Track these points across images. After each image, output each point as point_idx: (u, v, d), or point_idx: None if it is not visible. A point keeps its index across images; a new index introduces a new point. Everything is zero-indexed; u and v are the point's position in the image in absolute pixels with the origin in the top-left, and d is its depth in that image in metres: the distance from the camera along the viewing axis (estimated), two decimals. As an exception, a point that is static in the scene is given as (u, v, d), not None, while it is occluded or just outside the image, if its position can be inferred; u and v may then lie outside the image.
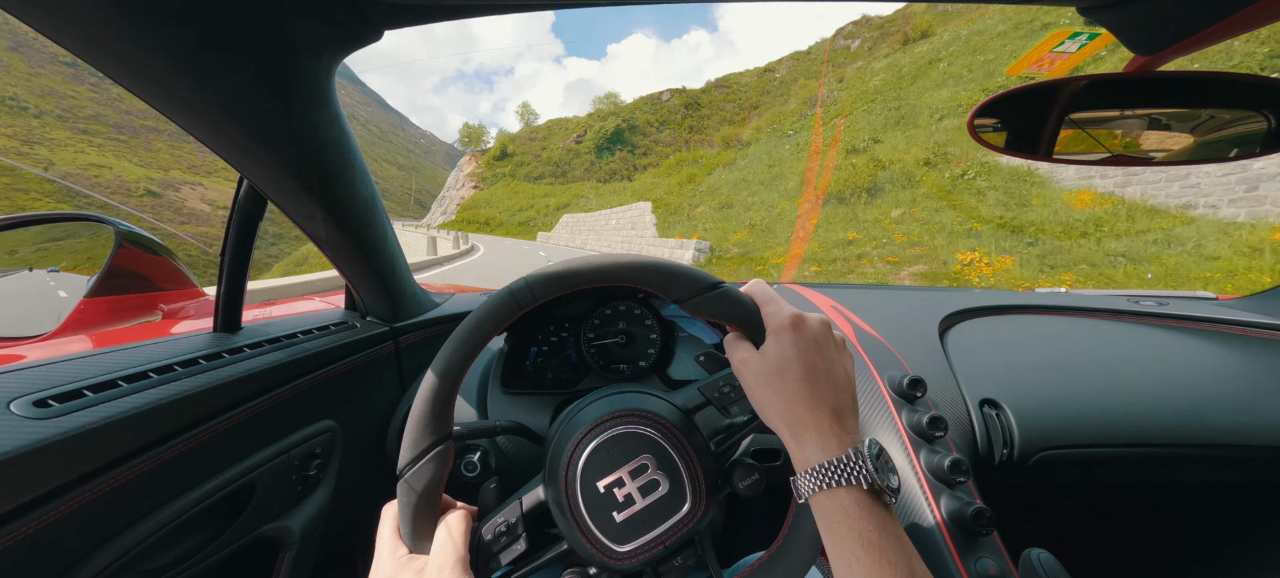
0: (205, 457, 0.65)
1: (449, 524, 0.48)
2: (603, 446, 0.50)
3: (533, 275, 0.52)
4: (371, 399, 1.00)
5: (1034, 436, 0.93)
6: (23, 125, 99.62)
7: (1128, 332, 1.21)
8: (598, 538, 0.49)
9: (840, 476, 0.41)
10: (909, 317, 1.18)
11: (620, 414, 0.52)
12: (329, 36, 0.56)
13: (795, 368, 0.46)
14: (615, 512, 0.49)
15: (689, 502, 0.50)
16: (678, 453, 0.50)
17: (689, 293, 0.51)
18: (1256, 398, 1.00)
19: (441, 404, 0.49)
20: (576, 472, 0.50)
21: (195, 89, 0.52)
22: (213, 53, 0.49)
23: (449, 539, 0.47)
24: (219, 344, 0.73)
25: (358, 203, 0.80)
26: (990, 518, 0.70)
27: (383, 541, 0.49)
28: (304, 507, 0.83)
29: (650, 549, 0.49)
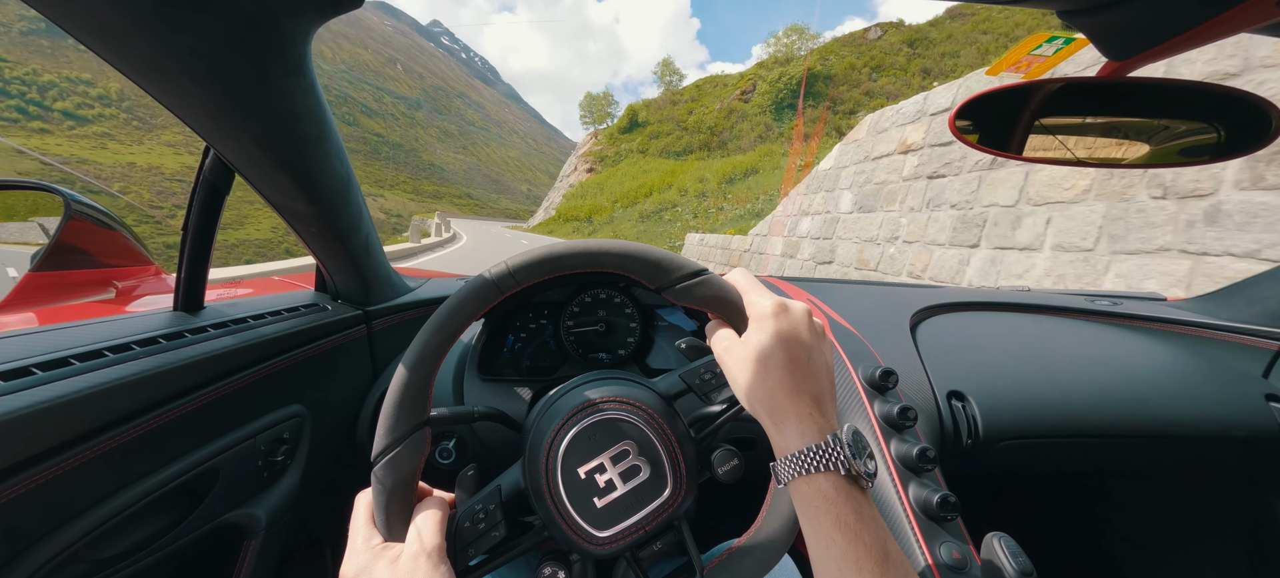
0: (165, 440, 0.63)
1: (425, 512, 0.48)
2: (584, 432, 0.51)
3: (514, 259, 0.52)
4: (343, 384, 0.98)
5: (996, 426, 0.98)
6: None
7: (1084, 329, 1.30)
8: (578, 524, 0.50)
9: (819, 461, 0.43)
10: (882, 311, 1.23)
11: (602, 400, 0.52)
12: (306, 1, 0.53)
13: (778, 355, 0.47)
14: (596, 498, 0.50)
15: (670, 487, 0.51)
16: (659, 439, 0.52)
17: (672, 280, 0.52)
18: (1198, 392, 1.09)
19: (417, 389, 0.49)
20: (557, 458, 0.51)
21: (160, 48, 0.49)
22: (180, 8, 0.45)
23: (425, 527, 0.46)
24: (180, 324, 0.70)
25: (332, 179, 0.77)
26: (955, 505, 0.73)
27: (356, 528, 0.48)
28: (271, 494, 0.82)
29: (630, 534, 0.50)
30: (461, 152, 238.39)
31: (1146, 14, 0.47)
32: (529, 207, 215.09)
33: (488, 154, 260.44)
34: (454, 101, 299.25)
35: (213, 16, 0.47)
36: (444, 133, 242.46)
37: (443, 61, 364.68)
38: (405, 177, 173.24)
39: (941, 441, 0.98)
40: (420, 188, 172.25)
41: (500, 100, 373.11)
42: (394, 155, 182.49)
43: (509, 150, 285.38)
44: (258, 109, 0.60)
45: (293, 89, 0.61)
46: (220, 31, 0.49)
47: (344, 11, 0.57)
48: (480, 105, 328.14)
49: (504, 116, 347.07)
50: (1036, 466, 1.05)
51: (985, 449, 0.98)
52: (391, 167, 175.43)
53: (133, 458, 0.59)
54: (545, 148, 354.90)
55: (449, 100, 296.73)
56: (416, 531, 0.46)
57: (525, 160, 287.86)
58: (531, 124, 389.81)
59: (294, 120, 0.64)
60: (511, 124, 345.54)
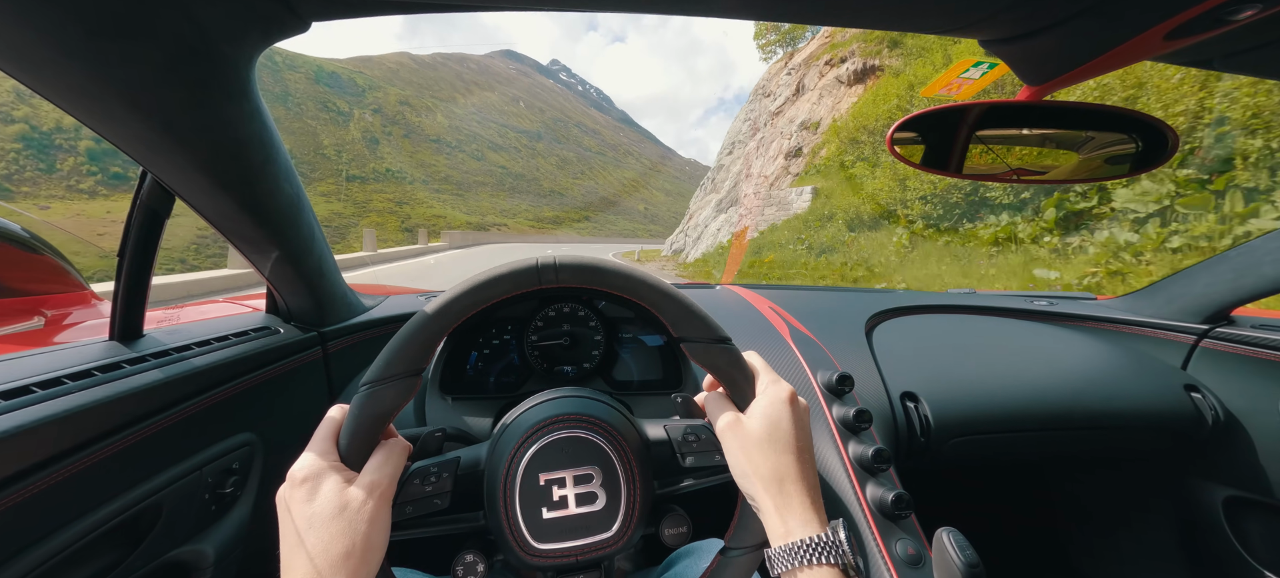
0: (101, 479, 0.60)
1: (387, 452, 0.49)
2: (563, 441, 0.52)
3: (562, 257, 0.52)
4: (297, 409, 0.95)
5: (947, 424, 1.05)
6: (400, 190, 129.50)
7: (1024, 328, 1.39)
8: (519, 527, 0.50)
9: (822, 555, 0.45)
10: (839, 316, 1.30)
11: (587, 419, 0.53)
12: (248, 26, 0.52)
13: (790, 441, 0.50)
14: (546, 508, 0.50)
15: (616, 526, 0.51)
16: (625, 479, 0.52)
17: (697, 337, 0.53)
18: (1124, 384, 1.19)
19: (428, 338, 0.49)
20: (525, 457, 0.51)
21: (91, 78, 0.48)
22: (110, 39, 0.45)
23: (384, 466, 0.48)
24: (117, 354, 0.68)
25: (280, 201, 0.76)
26: (908, 502, 0.76)
27: (320, 437, 0.49)
28: (219, 528, 0.79)
29: (562, 557, 0.51)
30: (579, 177, 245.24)
31: (1056, 45, 0.52)
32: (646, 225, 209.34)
33: (604, 177, 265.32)
34: (572, 130, 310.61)
35: (147, 46, 0.47)
36: (562, 161, 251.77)
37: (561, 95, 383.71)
38: (526, 205, 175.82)
39: (896, 440, 1.03)
40: (540, 214, 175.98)
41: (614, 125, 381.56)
42: (516, 185, 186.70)
43: (624, 172, 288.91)
44: (198, 135, 0.59)
45: (236, 115, 0.60)
46: (156, 61, 0.48)
47: (288, 37, 0.56)
48: (596, 132, 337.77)
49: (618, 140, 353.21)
50: (985, 459, 1.13)
51: (937, 446, 1.05)
52: (514, 197, 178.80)
53: (66, 499, 0.57)
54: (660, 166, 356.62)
55: (567, 130, 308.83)
56: (376, 465, 0.47)
57: (641, 180, 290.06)
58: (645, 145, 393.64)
59: (238, 146, 0.64)
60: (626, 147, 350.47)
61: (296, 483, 0.45)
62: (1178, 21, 0.45)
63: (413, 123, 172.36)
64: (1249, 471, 1.17)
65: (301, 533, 0.43)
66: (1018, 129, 0.75)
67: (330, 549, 0.43)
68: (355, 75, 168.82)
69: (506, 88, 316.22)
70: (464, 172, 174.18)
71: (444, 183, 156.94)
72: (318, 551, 0.42)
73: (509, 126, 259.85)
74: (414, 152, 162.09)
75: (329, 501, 0.44)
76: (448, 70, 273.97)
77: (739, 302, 1.38)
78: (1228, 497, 1.22)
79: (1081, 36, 0.50)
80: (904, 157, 0.77)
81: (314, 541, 0.43)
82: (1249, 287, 1.18)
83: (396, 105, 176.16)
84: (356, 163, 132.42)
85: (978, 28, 0.53)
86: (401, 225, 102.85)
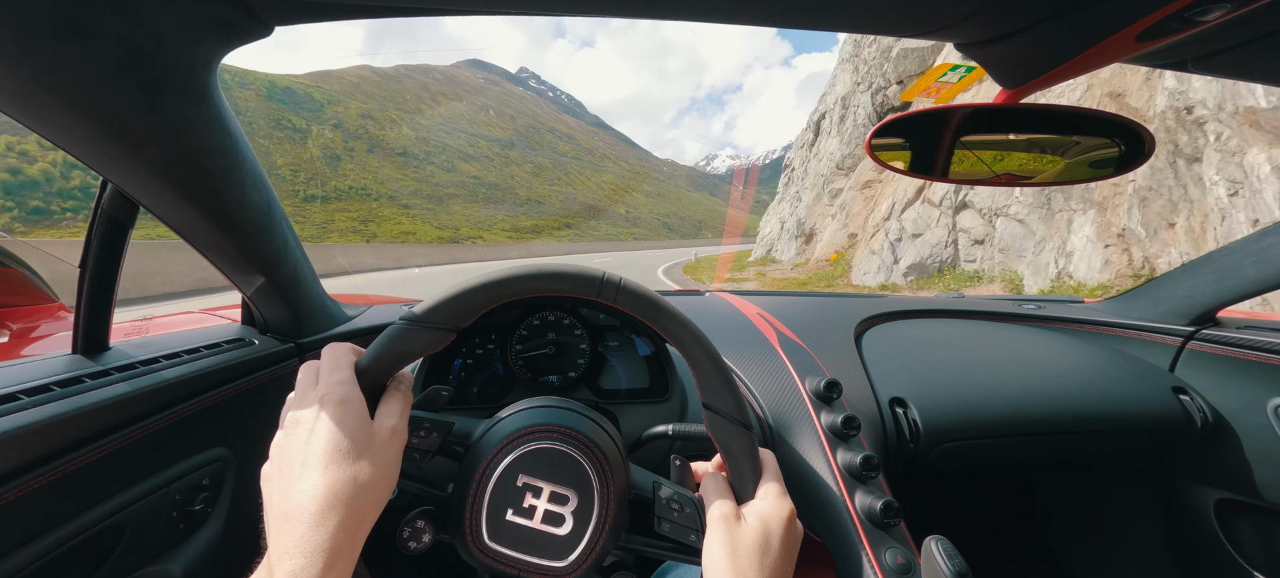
0: (58, 498, 0.58)
1: (403, 400, 0.49)
2: (554, 454, 0.51)
3: (626, 281, 0.53)
4: (272, 423, 0.88)
5: (936, 430, 1.04)
6: (366, 207, 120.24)
7: (1013, 332, 1.39)
8: (480, 516, 0.49)
9: None
10: (828, 322, 1.29)
11: (591, 445, 0.52)
12: (203, 29, 0.51)
13: (778, 561, 0.50)
14: (511, 510, 0.49)
15: (571, 559, 0.49)
16: (599, 517, 0.50)
17: (724, 411, 0.54)
18: (1111, 387, 1.18)
19: (477, 302, 0.51)
20: (516, 452, 0.51)
21: (33, 84, 0.46)
22: (50, 41, 0.43)
23: (402, 412, 0.48)
24: (80, 368, 0.66)
25: (248, 209, 0.74)
26: (897, 510, 0.75)
27: (338, 364, 0.48)
28: (187, 547, 0.76)
29: (505, 565, 0.49)
30: (557, 183, 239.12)
31: (1029, 48, 0.53)
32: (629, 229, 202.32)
33: (582, 182, 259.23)
34: (545, 137, 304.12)
35: (90, 49, 0.45)
36: (538, 168, 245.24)
37: (532, 102, 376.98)
38: (502, 215, 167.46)
39: (885, 447, 1.02)
40: (518, 223, 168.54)
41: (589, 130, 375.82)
42: (491, 195, 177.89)
43: (602, 176, 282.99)
44: (154, 141, 0.57)
45: (195, 119, 0.58)
46: (99, 64, 0.47)
47: (250, 41, 0.55)
48: (570, 137, 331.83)
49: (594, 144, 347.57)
50: (975, 463, 1.11)
51: (927, 452, 1.04)
52: (489, 207, 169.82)
53: (19, 520, 0.54)
54: (638, 169, 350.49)
55: (540, 136, 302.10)
56: (395, 410, 0.47)
57: (620, 183, 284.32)
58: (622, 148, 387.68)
59: (198, 152, 0.62)
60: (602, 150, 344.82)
61: (333, 401, 0.44)
62: (1147, 23, 0.46)
63: (377, 137, 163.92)
64: (1239, 472, 1.17)
65: (326, 455, 0.41)
66: (1001, 133, 0.75)
67: (357, 481, 0.41)
68: (312, 90, 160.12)
69: (475, 97, 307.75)
70: (434, 184, 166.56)
71: (413, 197, 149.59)
72: (341, 479, 0.40)
73: (479, 135, 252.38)
74: (379, 167, 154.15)
75: (360, 432, 0.43)
76: (412, 82, 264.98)
77: (728, 309, 1.38)
78: (1219, 499, 1.22)
79: (1054, 40, 0.51)
80: (884, 161, 0.77)
81: (342, 476, 0.41)
82: (1232, 288, 1.20)
83: (358, 119, 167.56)
84: (315, 182, 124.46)
85: (949, 32, 0.53)
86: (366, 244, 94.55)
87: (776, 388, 0.98)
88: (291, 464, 0.42)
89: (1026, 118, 0.71)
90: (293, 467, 0.41)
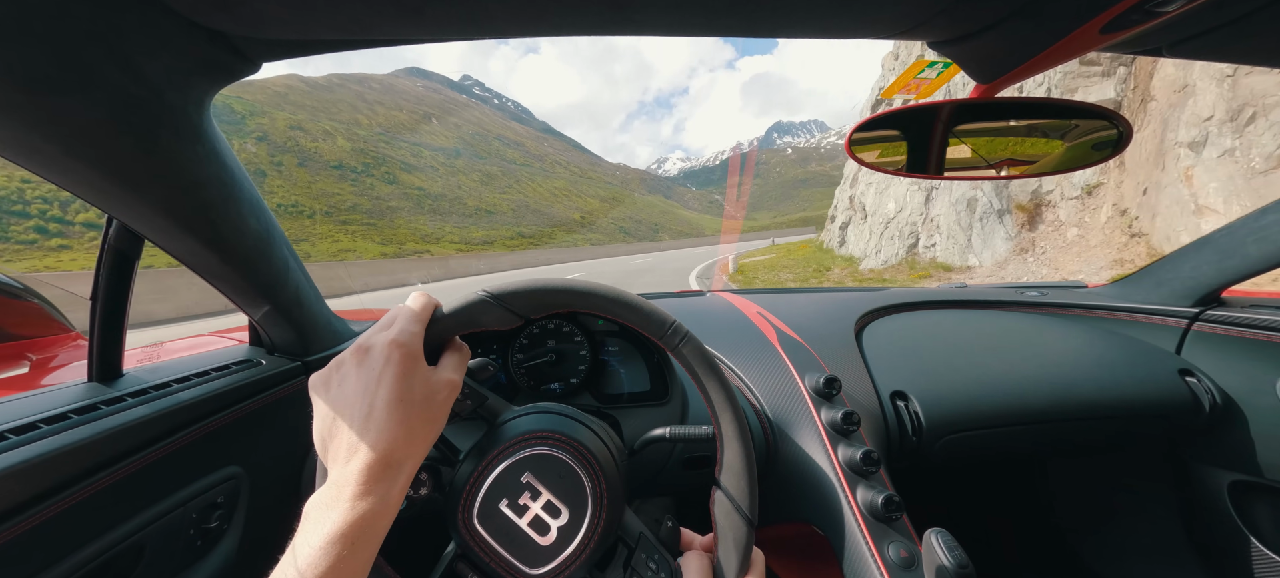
0: (79, 521, 0.60)
1: (461, 359, 0.51)
2: (561, 464, 0.51)
3: (691, 337, 0.54)
4: (283, 440, 0.95)
5: (938, 421, 1.04)
6: (298, 226, 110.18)
7: (1015, 320, 1.39)
8: (475, 494, 0.50)
9: None
10: (828, 318, 1.29)
11: (597, 468, 0.52)
12: (195, 73, 0.54)
13: None
14: (504, 502, 0.50)
15: (542, 570, 0.50)
16: (581, 542, 0.50)
17: (736, 498, 0.53)
18: (1117, 372, 1.17)
19: (550, 301, 0.52)
20: (528, 450, 0.51)
21: (33, 132, 0.49)
22: (46, 94, 0.45)
23: (459, 370, 0.50)
24: (95, 395, 0.69)
25: (247, 237, 0.77)
26: (898, 504, 0.77)
27: (410, 316, 0.49)
28: (205, 563, 0.79)
29: (480, 549, 0.50)
30: (507, 191, 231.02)
31: (998, 44, 0.54)
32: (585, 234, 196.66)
33: (534, 189, 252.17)
34: (492, 144, 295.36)
35: (84, 101, 0.47)
36: (486, 176, 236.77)
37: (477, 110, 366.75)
38: (451, 226, 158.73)
39: (887, 441, 1.02)
40: (468, 235, 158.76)
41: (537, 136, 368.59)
42: (438, 206, 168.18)
43: (554, 182, 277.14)
44: (153, 181, 0.60)
45: (191, 157, 0.61)
46: (97, 112, 0.49)
47: (239, 78, 0.57)
48: (519, 143, 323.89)
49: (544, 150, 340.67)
50: (980, 455, 1.10)
51: (929, 444, 1.03)
52: (436, 219, 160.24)
53: (42, 544, 0.56)
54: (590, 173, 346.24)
55: (488, 144, 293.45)
56: (455, 365, 0.50)
57: (573, 188, 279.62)
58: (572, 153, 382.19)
59: (196, 186, 0.65)
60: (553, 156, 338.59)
61: (399, 345, 0.45)
62: (1109, 16, 0.47)
63: (308, 149, 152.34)
64: (1251, 453, 1.15)
65: (389, 402, 0.42)
66: (988, 125, 0.75)
67: (412, 429, 0.43)
68: (232, 101, 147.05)
69: (416, 106, 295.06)
70: (375, 197, 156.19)
71: (351, 212, 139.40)
72: (395, 424, 0.42)
73: (422, 145, 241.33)
74: (312, 181, 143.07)
75: (423, 382, 0.45)
76: (347, 91, 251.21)
77: (728, 309, 1.39)
78: (1233, 481, 1.20)
79: (1020, 35, 0.52)
80: (866, 161, 0.78)
81: (399, 416, 0.42)
82: (1234, 267, 1.19)
83: (286, 132, 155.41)
84: None
85: (918, 32, 0.54)
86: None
87: (776, 387, 1.00)
88: (355, 395, 0.43)
89: (1006, 110, 0.72)
90: (355, 398, 0.43)
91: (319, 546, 0.37)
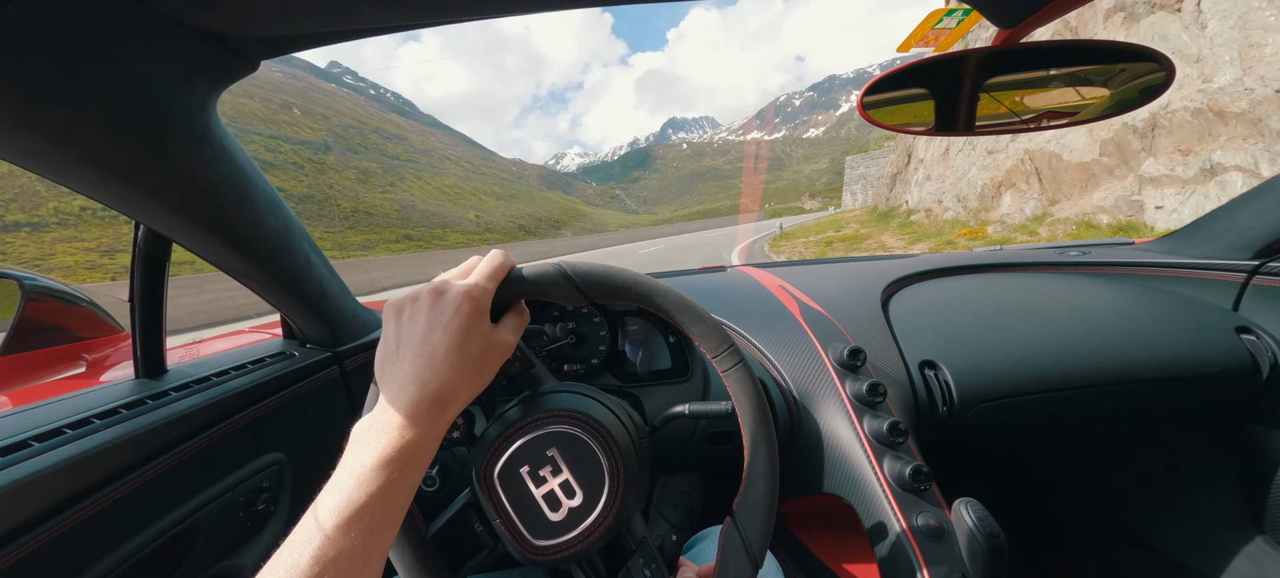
0: (137, 506, 0.65)
1: (522, 320, 0.53)
2: (590, 450, 0.51)
3: (745, 361, 0.55)
4: (321, 428, 1.00)
5: (970, 390, 1.00)
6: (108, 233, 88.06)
7: (1054, 282, 1.34)
8: (501, 452, 0.51)
9: None
10: (852, 289, 1.26)
11: (621, 467, 0.52)
12: (192, 76, 0.55)
13: None
14: (525, 469, 0.51)
15: (544, 543, 0.51)
16: (588, 527, 0.51)
17: (748, 536, 0.52)
18: (1168, 332, 1.10)
19: (614, 289, 0.53)
20: (562, 426, 0.52)
21: (50, 145, 0.51)
22: (50, 103, 0.47)
23: (517, 330, 0.52)
24: (142, 390, 0.73)
25: (267, 234, 0.79)
26: (927, 475, 0.77)
27: (488, 271, 0.50)
28: (256, 542, 0.84)
29: (491, 502, 0.51)
30: (390, 190, 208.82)
31: None
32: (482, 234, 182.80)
33: (420, 187, 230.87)
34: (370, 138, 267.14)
35: (89, 109, 0.49)
36: (364, 173, 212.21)
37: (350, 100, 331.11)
38: (321, 231, 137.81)
39: (916, 411, 1.00)
40: (344, 240, 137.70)
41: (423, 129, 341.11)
42: (303, 209, 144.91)
43: (444, 179, 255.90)
44: (167, 183, 0.62)
45: (200, 159, 0.63)
46: (102, 121, 0.51)
47: (239, 78, 0.59)
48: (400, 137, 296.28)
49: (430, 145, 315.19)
50: (1017, 424, 1.07)
51: (961, 414, 1.01)
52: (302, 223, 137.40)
53: (106, 528, 0.61)
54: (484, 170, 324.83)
55: (364, 137, 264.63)
56: (515, 327, 0.51)
57: (465, 186, 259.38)
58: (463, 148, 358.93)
59: (209, 188, 0.66)
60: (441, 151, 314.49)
61: (472, 297, 0.47)
62: None
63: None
64: None
65: (449, 347, 0.44)
66: (1021, 74, 0.70)
67: (463, 376, 0.45)
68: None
69: (273, 94, 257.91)
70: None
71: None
72: (449, 369, 0.44)
73: (281, 138, 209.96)
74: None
75: (483, 337, 0.47)
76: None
77: (749, 283, 1.37)
78: None
79: None
80: (880, 121, 0.74)
81: (454, 361, 0.44)
82: None
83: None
84: (27, 205, 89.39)
85: None
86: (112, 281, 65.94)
87: (799, 359, 1.00)
88: (422, 332, 0.45)
89: (1040, 57, 0.68)
90: (421, 334, 0.45)
91: (370, 466, 0.40)
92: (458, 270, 0.51)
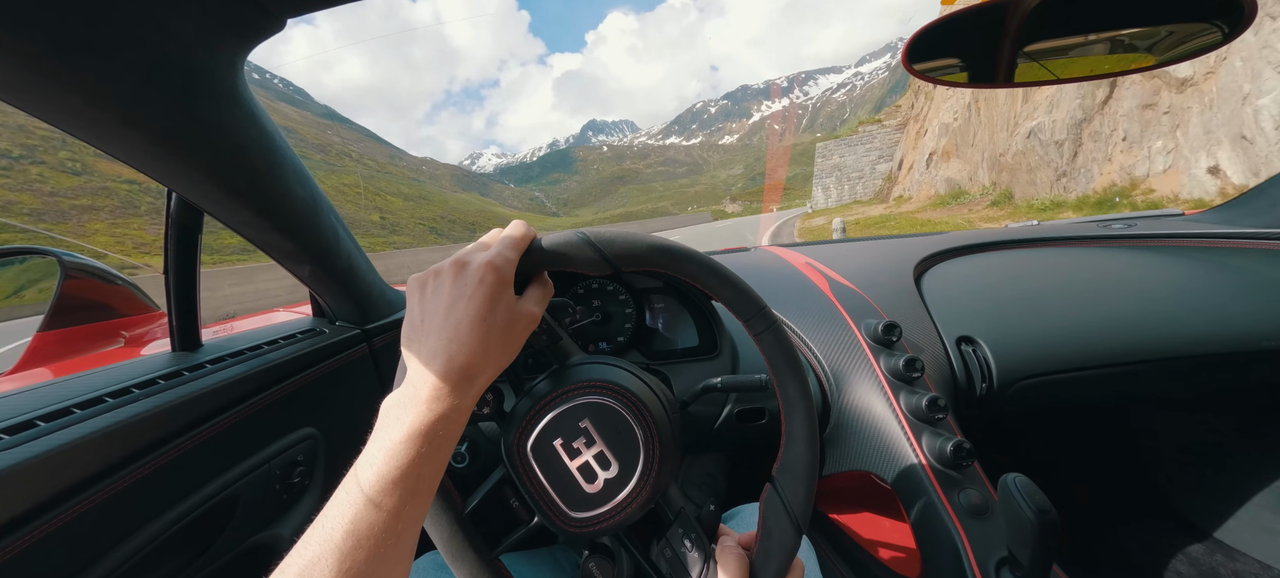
0: (175, 476, 0.66)
1: (546, 292, 0.52)
2: (624, 421, 0.51)
3: (779, 325, 0.53)
4: (352, 404, 1.01)
5: (1011, 367, 0.97)
6: None
7: (1098, 256, 1.28)
8: (534, 424, 0.50)
9: None
10: (883, 265, 1.23)
11: (657, 438, 0.51)
12: (222, 31, 0.55)
13: None
14: (558, 441, 0.50)
15: (580, 516, 0.50)
16: (624, 500, 0.50)
17: (790, 500, 0.52)
18: (1223, 307, 1.05)
19: (642, 256, 0.51)
20: (594, 397, 0.51)
21: (79, 101, 0.51)
22: (78, 55, 0.47)
23: (541, 302, 0.51)
24: (179, 363, 0.74)
25: (295, 204, 0.79)
26: (969, 451, 0.75)
27: (509, 242, 0.50)
28: (293, 514, 0.85)
29: (524, 477, 0.50)
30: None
31: None
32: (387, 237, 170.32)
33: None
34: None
35: (124, 59, 0.50)
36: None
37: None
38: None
39: (954, 388, 0.98)
40: (218, 243, 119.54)
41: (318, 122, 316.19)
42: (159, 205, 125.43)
43: (344, 177, 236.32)
44: (197, 146, 0.62)
45: (231, 121, 0.63)
46: (135, 74, 0.51)
47: (266, 38, 0.59)
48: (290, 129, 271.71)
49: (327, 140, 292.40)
50: (1060, 402, 1.03)
51: (1001, 391, 0.98)
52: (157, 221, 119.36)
53: (147, 495, 0.62)
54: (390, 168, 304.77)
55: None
56: (540, 298, 0.51)
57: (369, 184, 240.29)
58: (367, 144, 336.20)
59: (238, 151, 0.67)
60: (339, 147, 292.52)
61: (494, 268, 0.46)
62: None
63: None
64: None
65: (473, 319, 0.44)
66: (1065, 26, 0.66)
67: (488, 349, 0.45)
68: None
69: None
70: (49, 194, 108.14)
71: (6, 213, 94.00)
72: (474, 341, 0.44)
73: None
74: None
75: (507, 309, 0.46)
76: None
77: (776, 261, 1.35)
78: None
79: None
80: (925, 72, 0.72)
81: (480, 333, 0.44)
82: None
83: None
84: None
85: None
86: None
87: (831, 336, 0.97)
88: (445, 305, 0.45)
89: (1094, 4, 0.65)
90: (445, 308, 0.45)
91: (400, 440, 0.40)
92: (478, 243, 0.50)
